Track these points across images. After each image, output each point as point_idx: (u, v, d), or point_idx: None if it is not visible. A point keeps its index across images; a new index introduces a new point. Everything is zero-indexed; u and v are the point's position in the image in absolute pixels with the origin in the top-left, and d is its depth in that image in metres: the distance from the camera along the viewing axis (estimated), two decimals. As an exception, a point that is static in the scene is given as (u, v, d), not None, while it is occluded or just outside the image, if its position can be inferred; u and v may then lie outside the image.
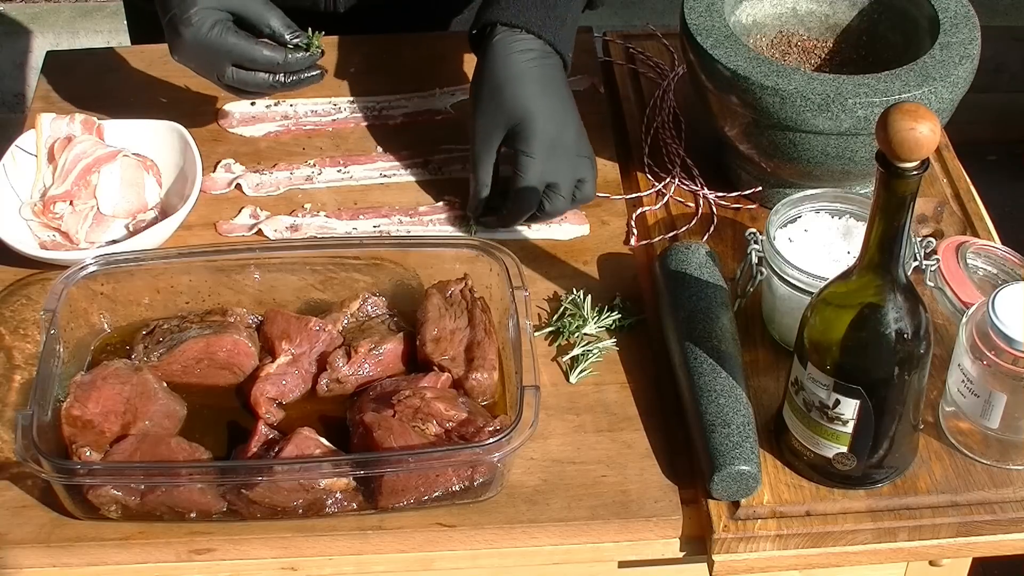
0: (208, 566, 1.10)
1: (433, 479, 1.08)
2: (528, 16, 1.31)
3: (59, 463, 1.05)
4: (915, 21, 1.32)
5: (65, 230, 1.31)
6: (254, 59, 1.30)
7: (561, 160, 1.29)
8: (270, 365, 1.16)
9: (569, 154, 1.29)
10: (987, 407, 1.08)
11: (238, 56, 1.30)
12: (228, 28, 1.29)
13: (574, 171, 1.30)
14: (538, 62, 1.30)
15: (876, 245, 0.98)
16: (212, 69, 1.31)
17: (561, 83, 1.32)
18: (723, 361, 1.13)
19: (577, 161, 1.30)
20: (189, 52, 1.30)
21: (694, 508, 1.10)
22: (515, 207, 1.30)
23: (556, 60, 1.32)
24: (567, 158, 1.29)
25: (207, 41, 1.28)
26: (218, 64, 1.30)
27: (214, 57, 1.30)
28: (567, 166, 1.29)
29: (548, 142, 1.28)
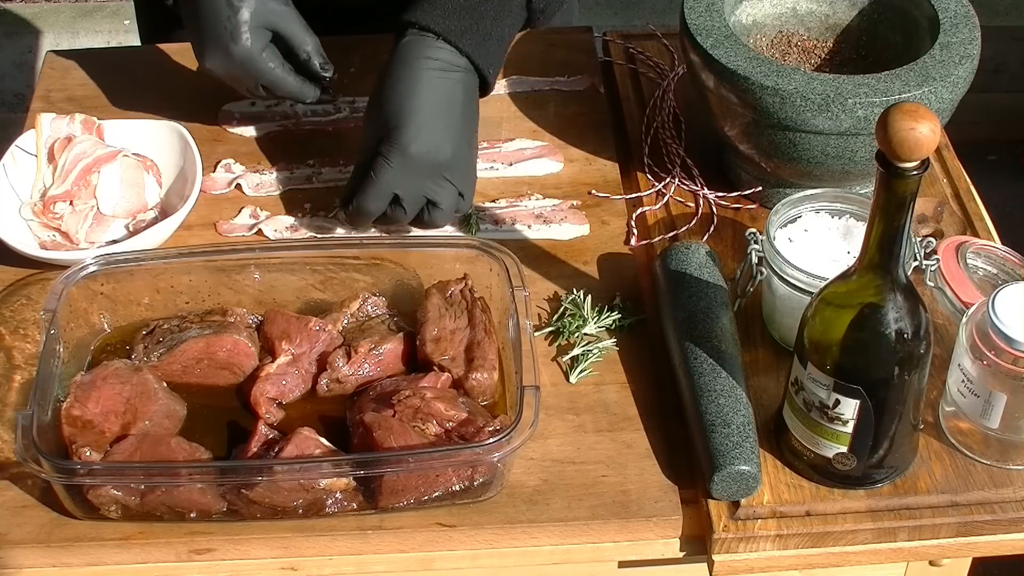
0: (208, 566, 1.10)
1: (433, 479, 1.08)
2: (447, 23, 1.27)
3: (59, 463, 1.05)
4: (915, 21, 1.32)
5: (65, 230, 1.31)
6: (286, 90, 1.33)
7: (417, 177, 1.25)
8: (270, 365, 1.16)
9: (430, 174, 1.25)
10: (987, 407, 1.08)
11: (271, 81, 1.32)
12: (274, 53, 1.31)
13: (430, 192, 1.26)
14: (440, 73, 1.27)
15: (876, 245, 0.98)
16: (241, 83, 1.33)
17: (459, 99, 1.27)
18: (723, 361, 1.13)
19: (436, 184, 1.26)
20: (229, 66, 1.30)
21: (694, 508, 1.10)
22: (357, 206, 1.27)
23: (465, 75, 1.28)
24: (427, 177, 1.25)
25: (253, 61, 1.29)
26: (249, 81, 1.32)
27: (250, 75, 1.31)
28: (422, 185, 1.25)
29: (412, 155, 1.24)
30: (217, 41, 1.29)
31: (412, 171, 1.25)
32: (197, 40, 1.31)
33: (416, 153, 1.24)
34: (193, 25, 1.31)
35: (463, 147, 1.28)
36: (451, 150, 1.26)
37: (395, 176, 1.25)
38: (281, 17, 1.30)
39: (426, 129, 1.24)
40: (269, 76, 1.31)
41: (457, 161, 1.26)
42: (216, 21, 1.28)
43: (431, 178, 1.26)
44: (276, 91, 1.33)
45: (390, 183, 1.25)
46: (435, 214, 1.27)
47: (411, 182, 1.25)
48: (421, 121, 1.24)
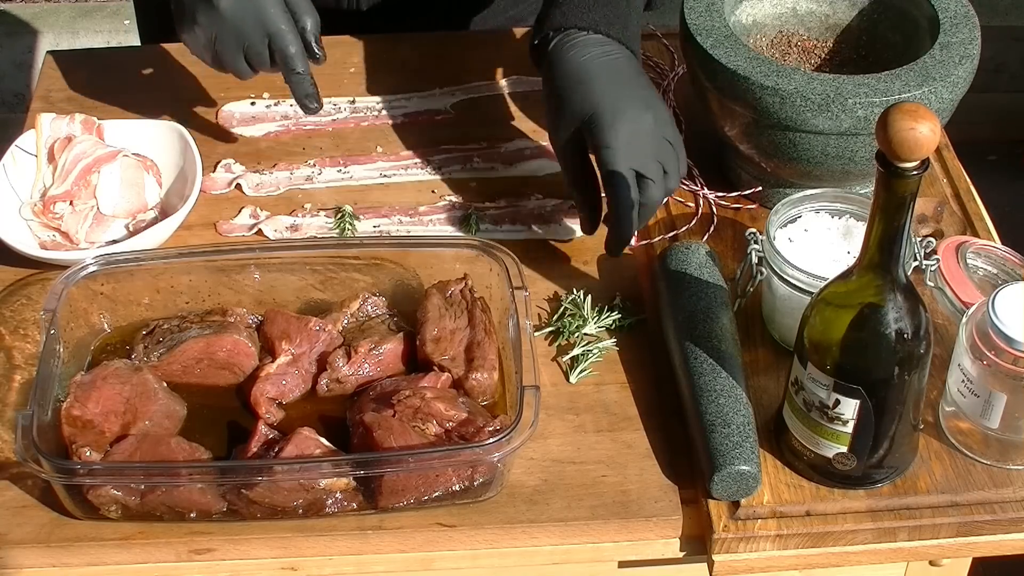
0: (208, 566, 1.10)
1: (433, 479, 1.08)
2: (591, 17, 1.27)
3: (59, 463, 1.05)
4: (915, 21, 1.32)
5: (65, 230, 1.31)
6: (285, 45, 1.27)
7: (644, 145, 1.20)
8: (270, 365, 1.16)
9: (651, 138, 1.21)
10: (987, 407, 1.08)
11: (276, 30, 1.27)
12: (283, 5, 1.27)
13: (658, 155, 1.21)
14: (602, 57, 1.25)
15: (876, 245, 0.98)
16: (240, 37, 1.27)
17: (631, 71, 1.25)
18: (723, 361, 1.13)
19: (660, 145, 1.21)
20: (234, 7, 1.25)
21: (694, 508, 1.10)
22: (615, 205, 1.21)
23: (623, 51, 1.26)
24: (649, 143, 1.21)
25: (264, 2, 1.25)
26: (252, 30, 1.26)
27: (254, 23, 1.26)
28: (651, 150, 1.21)
29: (626, 130, 1.20)
30: None
31: (635, 142, 1.20)
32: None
33: (629, 126, 1.20)
34: None
35: (660, 108, 1.23)
36: (652, 113, 1.22)
37: (625, 153, 1.19)
38: None
39: (620, 101, 1.21)
40: (277, 24, 1.26)
41: (660, 121, 1.22)
42: None
43: (651, 142, 1.21)
44: (277, 44, 1.27)
45: (626, 161, 1.19)
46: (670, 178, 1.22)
47: (640, 152, 1.20)
48: (612, 96, 1.21)
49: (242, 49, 1.28)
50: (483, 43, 1.58)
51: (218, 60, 1.30)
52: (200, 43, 1.30)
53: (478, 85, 1.52)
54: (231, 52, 1.28)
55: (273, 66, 1.30)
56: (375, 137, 1.46)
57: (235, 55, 1.29)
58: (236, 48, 1.28)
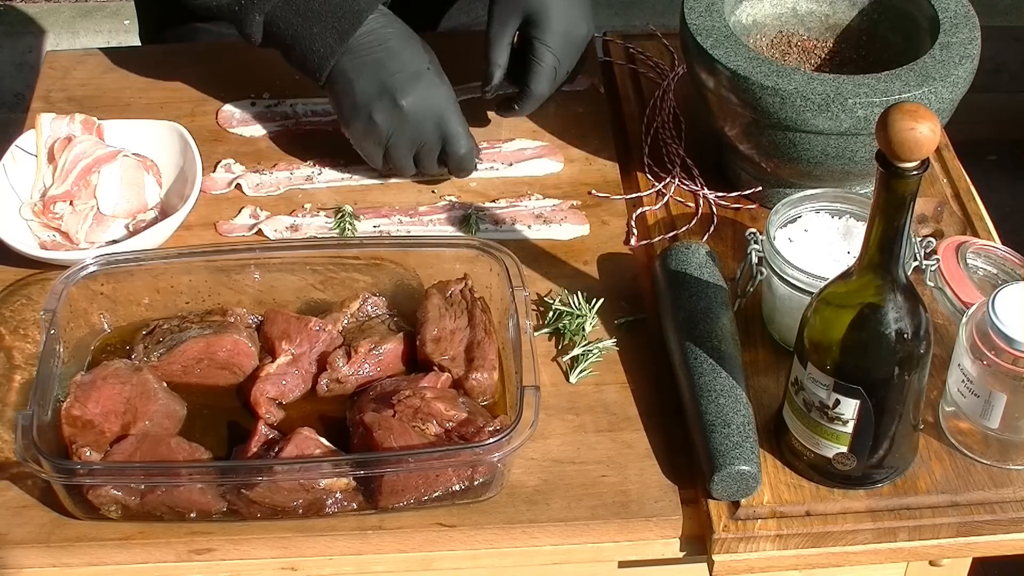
0: (208, 566, 1.10)
1: (433, 479, 1.08)
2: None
3: (59, 463, 1.05)
4: (915, 21, 1.32)
5: (65, 230, 1.31)
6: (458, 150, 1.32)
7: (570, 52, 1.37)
8: (270, 365, 1.16)
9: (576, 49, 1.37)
10: (987, 407, 1.08)
11: (453, 135, 1.32)
12: None
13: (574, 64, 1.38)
14: None
15: (876, 245, 0.98)
16: (417, 137, 1.31)
17: None
18: (723, 361, 1.13)
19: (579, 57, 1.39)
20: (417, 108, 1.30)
21: (694, 508, 1.10)
22: (532, 92, 1.37)
23: None
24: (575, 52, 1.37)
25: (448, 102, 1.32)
26: (430, 131, 1.31)
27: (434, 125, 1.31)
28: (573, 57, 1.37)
29: (562, 33, 1.35)
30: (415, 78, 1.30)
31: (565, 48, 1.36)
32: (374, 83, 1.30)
33: (565, 31, 1.35)
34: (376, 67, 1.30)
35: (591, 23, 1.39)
36: (586, 27, 1.38)
37: (553, 57, 1.36)
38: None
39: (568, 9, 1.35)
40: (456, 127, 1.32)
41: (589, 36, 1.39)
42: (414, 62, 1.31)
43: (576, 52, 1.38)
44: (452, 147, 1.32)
45: (552, 64, 1.36)
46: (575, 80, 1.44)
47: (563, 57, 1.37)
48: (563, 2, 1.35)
49: (415, 148, 1.32)
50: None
51: (389, 157, 1.33)
52: (371, 138, 1.32)
53: (478, 85, 1.52)
54: (404, 150, 1.32)
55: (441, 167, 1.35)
56: (375, 137, 1.46)
57: (407, 153, 1.33)
58: (410, 147, 1.32)
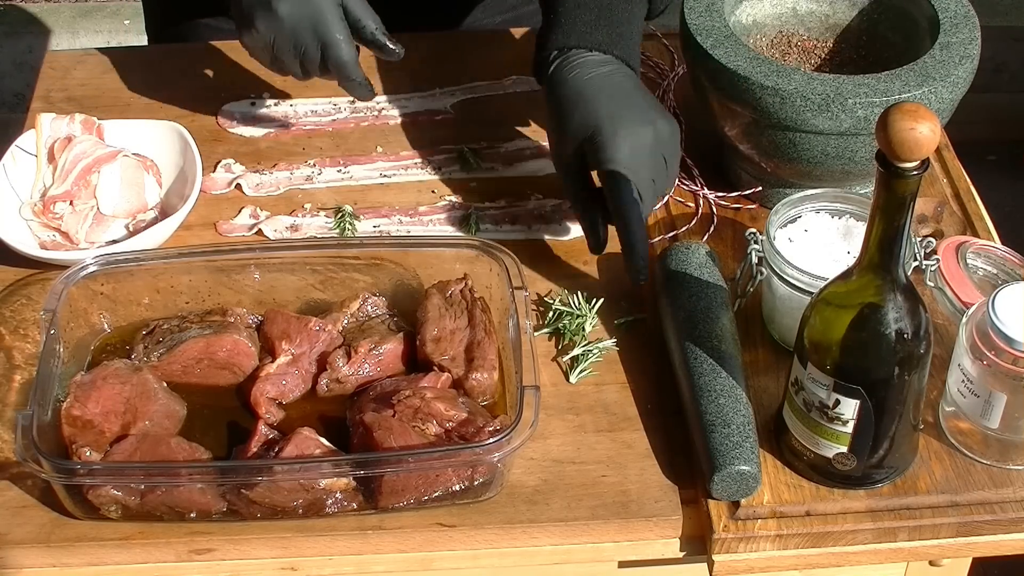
0: (208, 566, 1.10)
1: (433, 479, 1.08)
2: (593, 37, 1.27)
3: (59, 463, 1.05)
4: (915, 21, 1.32)
5: (65, 230, 1.31)
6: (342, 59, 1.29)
7: (643, 160, 1.22)
8: (270, 365, 1.16)
9: (649, 154, 1.22)
10: (987, 407, 1.08)
11: (331, 42, 1.28)
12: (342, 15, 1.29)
13: (653, 171, 1.22)
14: (603, 75, 1.26)
15: (876, 245, 0.98)
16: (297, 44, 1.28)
17: (630, 87, 1.26)
18: (723, 361, 1.13)
19: (656, 161, 1.22)
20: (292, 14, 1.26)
21: (694, 508, 1.10)
22: (625, 218, 1.20)
23: (623, 69, 1.27)
24: (647, 158, 1.22)
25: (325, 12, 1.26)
26: (308, 37, 1.28)
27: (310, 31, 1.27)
28: (648, 166, 1.22)
29: (627, 144, 1.21)
30: None
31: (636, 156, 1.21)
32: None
33: (632, 141, 1.21)
34: None
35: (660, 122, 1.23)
36: (652, 128, 1.22)
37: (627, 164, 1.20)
38: None
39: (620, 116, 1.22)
40: (333, 34, 1.27)
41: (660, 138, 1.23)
42: None
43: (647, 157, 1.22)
44: (330, 54, 1.28)
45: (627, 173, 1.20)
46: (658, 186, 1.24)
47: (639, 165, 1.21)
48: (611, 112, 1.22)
49: (299, 55, 1.30)
50: (483, 43, 1.58)
51: (276, 64, 1.32)
52: (259, 46, 1.31)
53: (478, 85, 1.53)
54: (288, 58, 1.30)
55: (326, 72, 1.32)
56: (375, 137, 1.46)
57: (292, 61, 1.31)
58: (293, 54, 1.30)
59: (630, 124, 1.22)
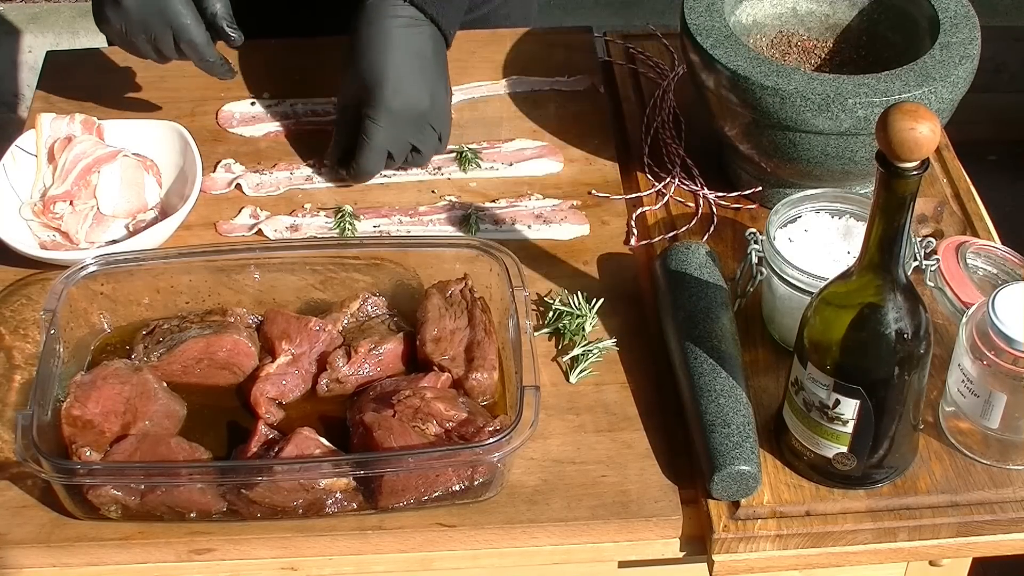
0: (208, 566, 1.10)
1: (433, 479, 1.08)
2: None
3: (59, 463, 1.05)
4: (915, 21, 1.32)
5: (65, 230, 1.31)
6: (191, 40, 1.31)
7: (403, 129, 1.34)
8: (270, 365, 1.16)
9: (414, 124, 1.34)
10: (987, 407, 1.08)
11: (180, 26, 1.31)
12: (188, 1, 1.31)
13: (415, 140, 1.35)
14: (408, 29, 1.32)
15: (876, 245, 0.98)
16: (147, 30, 1.31)
17: (427, 51, 1.34)
18: (723, 361, 1.13)
19: (420, 132, 1.35)
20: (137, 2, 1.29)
21: (694, 508, 1.10)
22: (358, 169, 1.35)
23: (429, 29, 1.34)
24: (412, 127, 1.34)
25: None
26: (155, 24, 1.31)
27: (158, 17, 1.30)
28: (408, 135, 1.34)
29: (397, 110, 1.32)
30: None
31: (399, 125, 1.33)
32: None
33: (400, 108, 1.32)
34: None
35: (440, 94, 1.36)
36: (429, 99, 1.34)
37: (385, 134, 1.33)
38: None
39: (405, 83, 1.31)
40: (179, 19, 1.30)
41: (436, 108, 1.35)
42: None
43: (415, 127, 1.34)
44: (181, 38, 1.31)
45: (382, 142, 1.33)
46: (417, 159, 1.38)
47: (399, 135, 1.34)
48: (399, 76, 1.31)
49: (150, 40, 1.32)
50: (483, 43, 1.58)
51: (133, 50, 1.35)
52: (114, 32, 1.34)
53: (478, 85, 1.52)
54: (141, 43, 1.33)
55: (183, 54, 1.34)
56: (375, 137, 1.46)
57: (145, 46, 1.34)
58: (145, 40, 1.33)
59: (408, 89, 1.32)
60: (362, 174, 1.36)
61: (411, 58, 1.32)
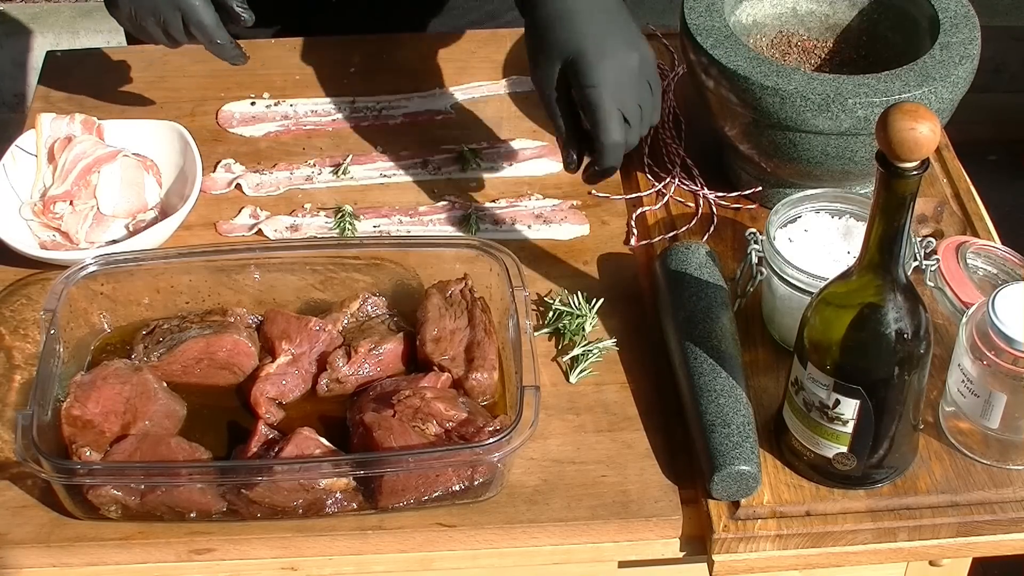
0: (208, 566, 1.10)
1: (433, 479, 1.08)
2: None
3: (59, 463, 1.05)
4: (915, 21, 1.32)
5: (65, 230, 1.31)
6: (200, 21, 1.29)
7: (628, 86, 1.20)
8: (270, 365, 1.16)
9: (635, 79, 1.20)
10: (987, 407, 1.08)
11: (187, 9, 1.28)
12: None
13: (639, 97, 1.21)
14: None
15: (876, 245, 0.98)
16: (155, 13, 1.29)
17: (615, 7, 1.23)
18: (723, 361, 1.13)
19: (642, 87, 1.21)
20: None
21: (694, 508, 1.10)
22: (604, 141, 1.19)
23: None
24: (634, 84, 1.20)
25: None
26: (165, 5, 1.28)
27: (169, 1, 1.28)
28: (634, 92, 1.20)
29: (612, 69, 1.19)
30: None
31: (620, 84, 1.19)
32: None
33: (614, 65, 1.19)
34: None
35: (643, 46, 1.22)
36: (637, 52, 1.21)
37: (611, 95, 1.19)
38: None
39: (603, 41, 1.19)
40: (188, 0, 1.28)
41: (644, 61, 1.22)
42: None
43: (633, 84, 1.21)
44: (190, 19, 1.29)
45: (611, 103, 1.19)
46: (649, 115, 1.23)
47: (623, 96, 1.20)
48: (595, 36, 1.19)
49: (159, 23, 1.30)
50: (483, 43, 1.58)
51: (142, 33, 1.33)
52: (123, 16, 1.32)
53: (478, 85, 1.53)
54: (151, 26, 1.31)
55: (192, 37, 1.32)
56: (375, 137, 1.46)
57: (155, 29, 1.31)
58: (155, 23, 1.30)
59: (615, 48, 1.19)
60: (610, 148, 1.19)
61: (603, 17, 1.21)
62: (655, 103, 1.23)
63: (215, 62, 1.53)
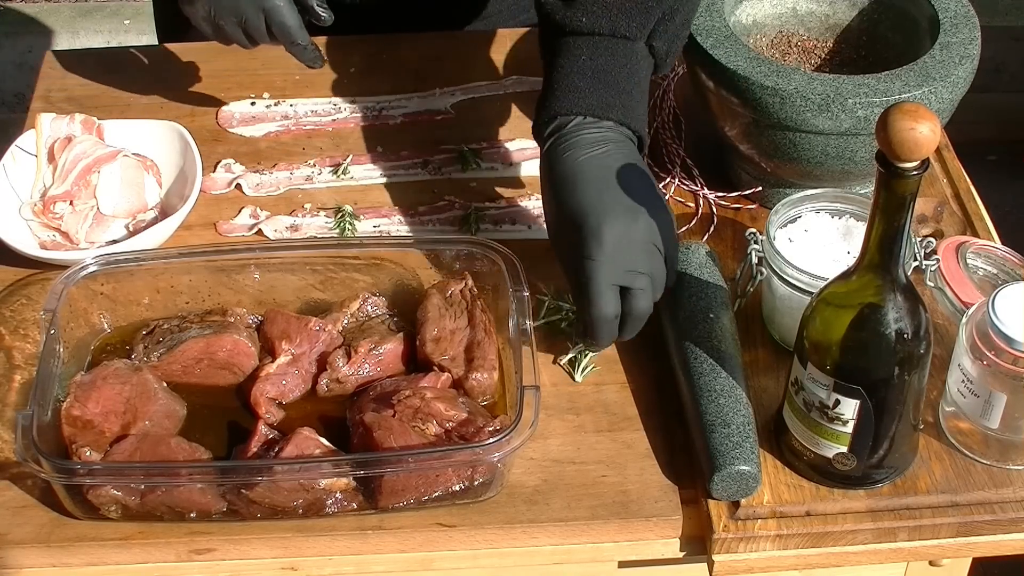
0: (208, 566, 1.10)
1: (433, 479, 1.08)
2: (587, 102, 1.17)
3: (59, 463, 1.05)
4: (915, 21, 1.32)
5: (65, 230, 1.31)
6: (284, 21, 1.28)
7: (630, 255, 1.11)
8: (270, 365, 1.16)
9: (638, 247, 1.11)
10: (987, 407, 1.08)
11: (271, 8, 1.27)
12: None
13: (647, 264, 1.12)
14: (593, 154, 1.15)
15: (876, 245, 0.98)
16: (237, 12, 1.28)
17: (624, 169, 1.14)
18: (723, 361, 1.13)
19: (648, 253, 1.12)
20: None
21: (694, 508, 1.10)
22: (583, 319, 1.12)
23: (619, 141, 1.16)
24: (636, 252, 1.11)
25: None
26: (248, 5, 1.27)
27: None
28: (638, 260, 1.11)
29: (610, 239, 1.10)
30: None
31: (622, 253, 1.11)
32: None
33: (616, 235, 1.10)
34: None
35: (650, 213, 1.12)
36: (643, 220, 1.11)
37: (608, 267, 1.10)
38: None
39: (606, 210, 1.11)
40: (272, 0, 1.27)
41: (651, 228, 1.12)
42: None
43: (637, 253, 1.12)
44: (273, 20, 1.28)
45: (608, 276, 1.10)
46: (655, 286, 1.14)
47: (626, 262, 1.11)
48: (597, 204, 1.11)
49: (240, 23, 1.29)
50: (483, 43, 1.58)
51: (219, 34, 1.32)
52: (200, 15, 1.31)
53: (478, 85, 1.53)
54: (230, 26, 1.30)
55: (273, 38, 1.31)
56: (375, 137, 1.46)
57: (234, 29, 1.30)
58: (234, 22, 1.29)
59: (613, 217, 1.10)
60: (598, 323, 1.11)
61: (606, 183, 1.12)
62: (665, 268, 1.14)
63: (215, 62, 1.54)
